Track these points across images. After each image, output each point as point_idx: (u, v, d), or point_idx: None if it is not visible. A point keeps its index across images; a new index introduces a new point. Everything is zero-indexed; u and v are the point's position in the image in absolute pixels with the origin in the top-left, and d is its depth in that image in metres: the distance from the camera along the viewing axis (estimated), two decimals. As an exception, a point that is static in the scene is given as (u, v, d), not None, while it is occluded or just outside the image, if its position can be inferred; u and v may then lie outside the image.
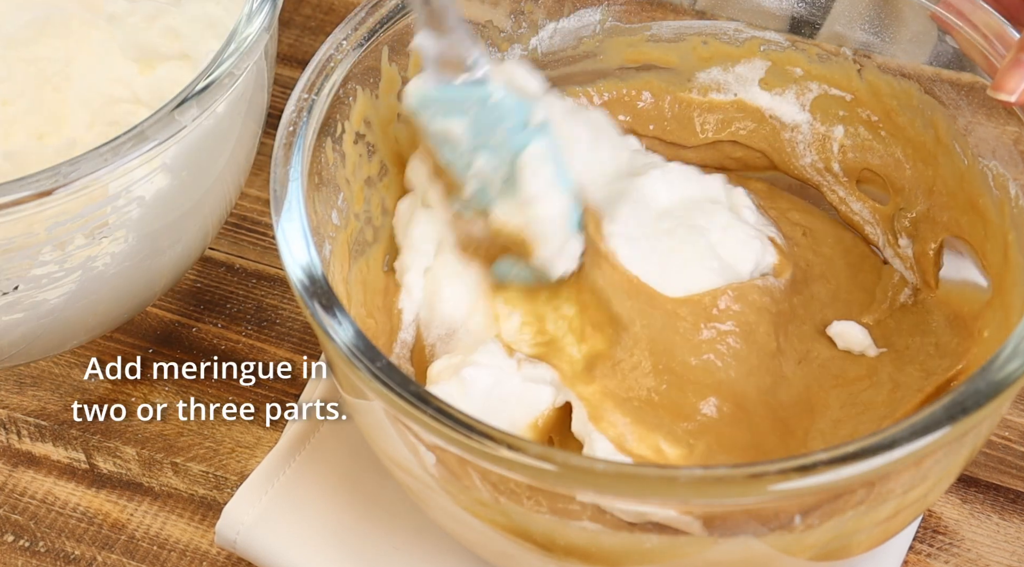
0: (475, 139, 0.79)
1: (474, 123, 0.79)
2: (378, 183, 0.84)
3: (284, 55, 1.04)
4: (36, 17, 0.90)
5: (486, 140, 0.79)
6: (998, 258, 0.80)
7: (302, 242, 0.73)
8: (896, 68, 0.85)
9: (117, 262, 0.81)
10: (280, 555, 0.81)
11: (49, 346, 0.85)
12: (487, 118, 0.79)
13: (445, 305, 0.82)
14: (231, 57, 0.79)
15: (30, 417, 0.89)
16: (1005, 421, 0.87)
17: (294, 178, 0.75)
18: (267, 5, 0.81)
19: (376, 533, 0.82)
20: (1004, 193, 0.80)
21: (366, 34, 0.81)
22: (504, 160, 0.79)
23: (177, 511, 0.85)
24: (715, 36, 0.89)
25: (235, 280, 0.94)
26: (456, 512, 0.73)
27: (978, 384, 0.68)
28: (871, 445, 0.66)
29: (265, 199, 0.97)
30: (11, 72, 0.89)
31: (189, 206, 0.83)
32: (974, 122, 0.81)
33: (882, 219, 0.87)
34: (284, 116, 0.77)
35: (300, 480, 0.83)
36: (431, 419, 0.67)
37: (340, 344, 0.70)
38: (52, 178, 0.75)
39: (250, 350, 0.91)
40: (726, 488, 0.65)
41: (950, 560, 0.82)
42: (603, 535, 0.70)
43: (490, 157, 0.79)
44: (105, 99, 0.90)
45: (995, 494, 0.85)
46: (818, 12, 0.88)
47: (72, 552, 0.84)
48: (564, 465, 0.65)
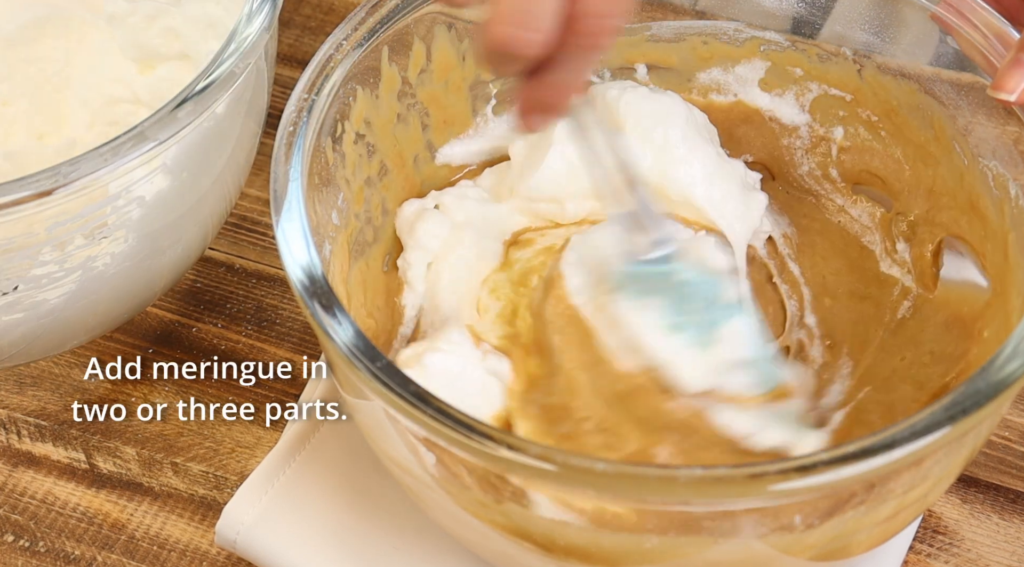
0: (668, 316, 0.78)
1: (666, 300, 0.78)
2: (378, 183, 0.84)
3: (284, 55, 1.04)
4: (36, 17, 0.90)
5: (679, 317, 0.78)
6: (998, 258, 0.80)
7: (302, 242, 0.73)
8: (896, 68, 0.85)
9: (117, 262, 0.81)
10: (280, 555, 0.81)
11: (49, 346, 0.85)
12: (678, 295, 0.78)
13: (444, 294, 0.82)
14: (231, 57, 0.79)
15: (30, 417, 0.89)
16: (1005, 421, 0.87)
17: (294, 178, 0.75)
18: (267, 5, 0.81)
19: (376, 533, 0.82)
20: (1004, 193, 0.80)
21: (366, 34, 0.81)
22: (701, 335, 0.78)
23: (177, 511, 0.85)
24: (715, 36, 0.89)
25: (235, 280, 0.94)
26: (456, 512, 0.73)
27: (978, 384, 0.68)
28: (871, 445, 0.66)
29: (265, 199, 0.97)
30: (11, 72, 0.89)
31: (189, 206, 0.83)
32: (974, 122, 0.81)
33: (881, 223, 0.87)
34: (284, 116, 0.77)
35: (300, 480, 0.83)
36: (431, 419, 0.67)
37: (340, 344, 0.70)
38: (52, 178, 0.75)
39: (250, 350, 0.91)
40: (726, 488, 0.65)
41: (950, 560, 0.82)
42: (603, 535, 0.70)
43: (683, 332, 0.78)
44: (105, 99, 0.90)
45: (995, 494, 0.85)
46: (818, 13, 0.88)
47: (72, 552, 0.84)
48: (564, 465, 0.65)
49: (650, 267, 0.78)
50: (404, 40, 0.83)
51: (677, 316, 0.77)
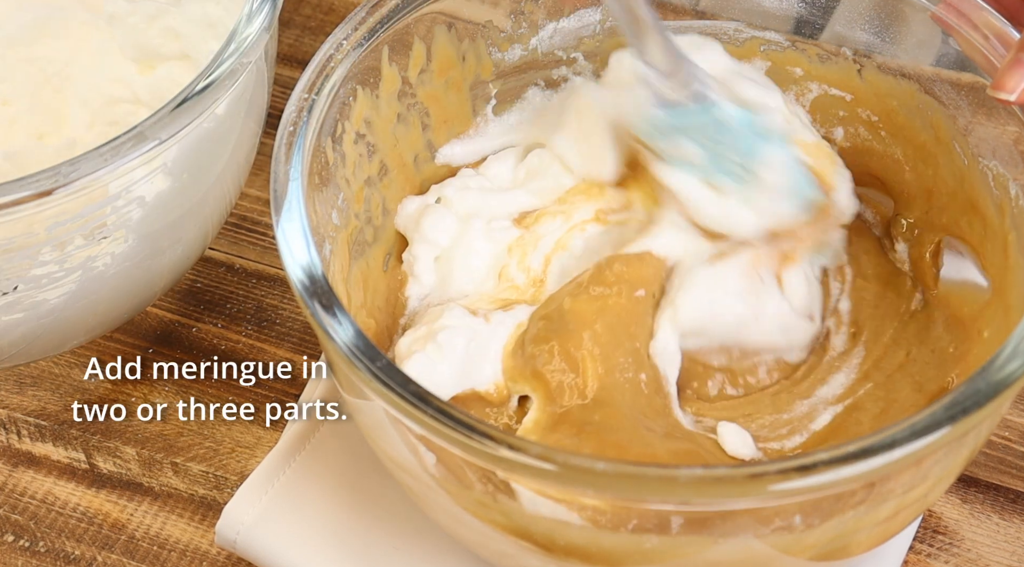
0: (712, 158, 0.81)
1: (709, 143, 0.81)
2: (378, 183, 0.84)
3: (284, 55, 1.04)
4: (36, 17, 0.90)
5: (723, 157, 0.81)
6: (998, 258, 0.80)
7: (302, 242, 0.73)
8: (896, 68, 0.85)
9: (117, 262, 0.81)
10: (280, 555, 0.81)
11: (49, 346, 0.85)
12: (721, 136, 0.81)
13: (458, 281, 0.83)
14: (231, 57, 0.79)
15: (30, 417, 0.89)
16: (1005, 421, 0.87)
17: (294, 178, 0.75)
18: (267, 5, 0.81)
19: (376, 533, 0.82)
20: (1004, 193, 0.80)
21: (366, 34, 0.81)
22: (743, 171, 0.81)
23: (177, 511, 0.85)
24: (715, 36, 0.89)
25: (235, 280, 0.94)
26: (456, 512, 0.73)
27: (978, 384, 0.68)
28: (871, 445, 0.66)
29: (265, 199, 0.97)
30: (11, 72, 0.89)
31: (189, 206, 0.83)
32: (974, 122, 0.81)
33: (880, 223, 0.87)
34: (284, 116, 0.77)
35: (300, 480, 0.83)
36: (431, 419, 0.67)
37: (340, 344, 0.70)
38: (52, 178, 0.75)
39: (250, 350, 0.91)
40: (726, 488, 0.65)
41: (950, 560, 0.82)
42: (603, 535, 0.70)
43: (727, 171, 0.81)
44: (105, 99, 0.90)
45: (995, 494, 0.85)
46: (818, 12, 0.88)
47: (72, 552, 0.84)
48: (564, 465, 0.65)
49: (689, 114, 0.80)
50: (404, 40, 0.83)
51: (714, 158, 0.80)
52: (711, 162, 0.81)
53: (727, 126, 0.81)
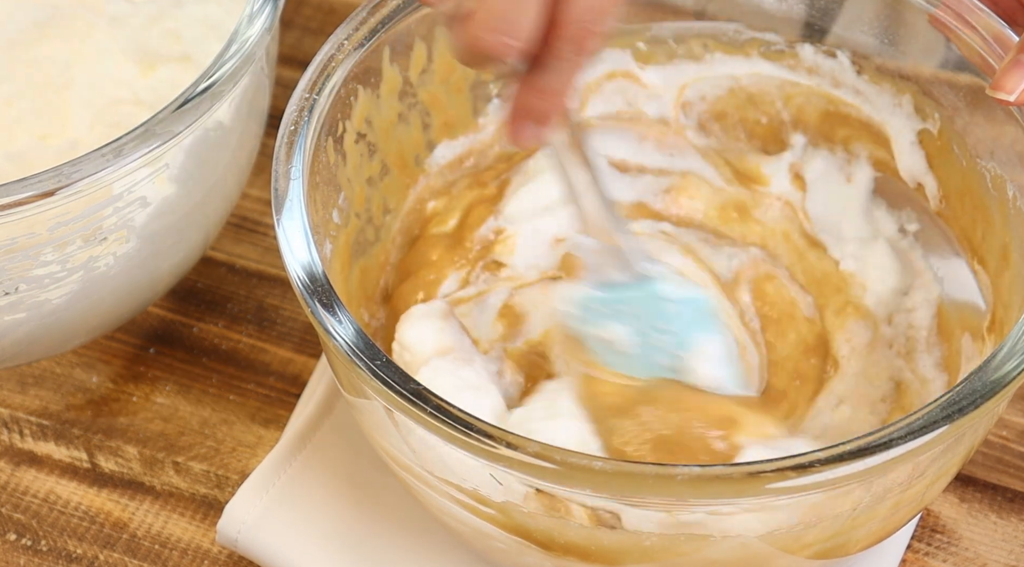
0: (643, 346, 0.75)
1: (641, 326, 0.75)
2: (379, 183, 0.85)
3: (285, 56, 1.04)
4: (38, 18, 0.90)
5: (654, 347, 0.75)
6: (996, 259, 0.80)
7: (303, 241, 0.73)
8: (895, 69, 0.85)
9: (119, 263, 0.81)
10: (281, 554, 0.82)
11: (51, 346, 0.85)
12: (654, 314, 0.75)
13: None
14: (232, 59, 0.79)
15: (32, 416, 0.89)
16: (1003, 420, 0.87)
17: (295, 177, 0.75)
18: (268, 7, 0.82)
19: (378, 531, 0.82)
20: (1002, 194, 0.80)
21: (367, 34, 0.81)
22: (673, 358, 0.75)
23: (179, 510, 0.86)
24: (715, 38, 0.89)
25: (236, 280, 0.94)
26: (456, 511, 0.73)
27: (975, 384, 0.68)
28: (868, 444, 0.66)
29: (266, 199, 0.97)
30: (13, 73, 0.89)
31: (191, 207, 0.83)
32: (972, 123, 0.82)
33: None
34: (285, 115, 0.78)
35: (301, 479, 0.84)
36: (431, 417, 0.67)
37: (340, 343, 0.70)
38: (54, 179, 0.75)
39: (251, 350, 0.91)
40: (724, 486, 0.65)
41: (948, 559, 0.82)
42: (602, 534, 0.70)
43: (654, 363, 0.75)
44: (107, 100, 0.90)
45: (993, 493, 0.85)
46: (818, 14, 0.88)
47: (74, 551, 0.84)
48: (563, 463, 0.66)
49: (623, 290, 0.75)
50: (405, 40, 0.83)
51: (645, 347, 0.75)
52: (641, 350, 0.75)
53: (664, 308, 0.75)
